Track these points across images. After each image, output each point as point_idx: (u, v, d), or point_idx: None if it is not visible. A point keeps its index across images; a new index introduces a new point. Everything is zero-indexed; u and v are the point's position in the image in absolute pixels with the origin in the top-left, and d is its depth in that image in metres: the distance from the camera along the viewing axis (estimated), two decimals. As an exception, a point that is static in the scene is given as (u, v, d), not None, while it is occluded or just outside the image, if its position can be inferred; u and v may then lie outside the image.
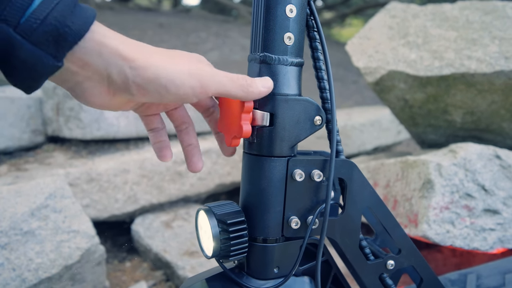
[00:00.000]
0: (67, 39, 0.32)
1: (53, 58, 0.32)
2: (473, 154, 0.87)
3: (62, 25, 0.31)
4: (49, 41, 0.31)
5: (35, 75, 0.32)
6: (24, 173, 1.26)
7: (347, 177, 0.50)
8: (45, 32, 0.30)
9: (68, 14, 0.31)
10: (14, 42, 0.30)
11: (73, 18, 0.32)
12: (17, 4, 0.30)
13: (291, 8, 0.45)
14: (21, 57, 0.31)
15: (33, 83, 0.33)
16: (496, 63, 0.97)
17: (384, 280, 0.54)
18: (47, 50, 0.31)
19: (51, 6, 0.31)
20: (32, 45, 0.30)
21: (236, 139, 0.46)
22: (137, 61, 0.35)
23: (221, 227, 0.46)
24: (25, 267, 0.80)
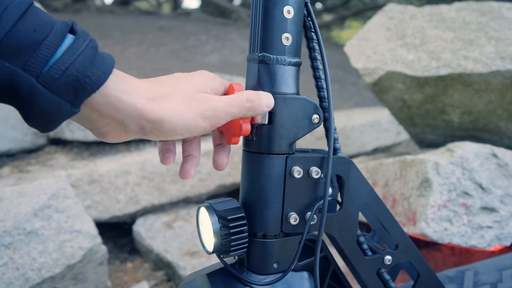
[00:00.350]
0: (86, 88, 0.33)
1: (71, 105, 0.33)
2: (470, 153, 0.89)
3: (82, 75, 0.33)
4: (69, 90, 0.32)
5: (52, 119, 0.33)
6: (27, 174, 1.27)
7: (345, 174, 0.51)
8: (65, 82, 0.32)
9: (89, 65, 0.33)
10: (35, 92, 0.31)
11: (93, 69, 0.33)
12: (40, 55, 0.31)
13: (288, 9, 0.46)
14: (41, 104, 0.32)
15: (50, 126, 0.34)
16: (493, 63, 0.99)
17: (382, 275, 0.55)
18: (65, 97, 0.33)
19: (73, 57, 0.32)
20: (52, 94, 0.32)
21: (236, 137, 0.47)
22: (153, 115, 0.37)
23: (221, 223, 0.47)
24: (29, 266, 0.81)
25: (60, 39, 0.33)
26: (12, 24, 0.30)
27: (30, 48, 0.31)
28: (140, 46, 4.32)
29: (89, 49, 0.34)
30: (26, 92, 0.31)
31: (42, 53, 0.31)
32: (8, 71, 0.30)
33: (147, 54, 4.13)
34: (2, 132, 1.41)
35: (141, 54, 4.09)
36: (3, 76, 0.30)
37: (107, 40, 4.26)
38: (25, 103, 0.32)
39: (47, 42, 0.32)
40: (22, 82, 0.31)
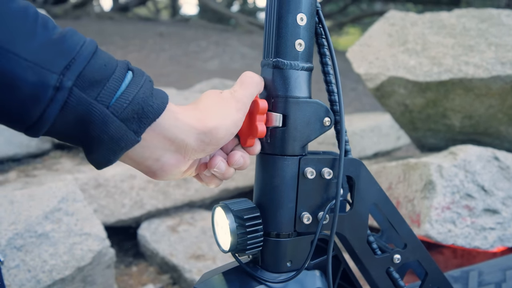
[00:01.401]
0: (149, 116, 0.37)
1: (134, 134, 0.37)
2: (472, 156, 0.90)
3: (146, 104, 0.37)
4: (134, 118, 0.36)
5: (116, 148, 0.37)
6: (33, 179, 1.28)
7: (355, 175, 0.53)
8: (132, 110, 0.36)
9: (149, 96, 0.37)
10: (107, 119, 0.35)
11: (153, 99, 0.37)
12: (110, 88, 0.35)
13: (301, 17, 0.48)
14: (110, 132, 0.35)
15: (112, 157, 0.37)
16: (493, 69, 1.01)
17: (391, 274, 0.57)
18: (130, 126, 0.36)
19: (136, 90, 0.36)
20: (121, 122, 0.35)
21: (252, 139, 0.48)
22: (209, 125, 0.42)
23: (238, 223, 0.48)
24: (40, 268, 0.82)
25: (124, 74, 0.36)
26: (88, 60, 0.34)
27: (101, 82, 0.35)
28: (141, 51, 4.34)
29: (147, 83, 0.38)
30: (99, 120, 0.34)
31: (111, 86, 0.35)
32: (84, 102, 0.34)
33: (148, 59, 4.16)
34: (9, 137, 1.42)
35: (142, 60, 4.11)
36: (81, 107, 0.34)
37: (108, 46, 4.29)
38: (97, 132, 0.35)
39: (115, 76, 0.35)
40: (96, 111, 0.34)
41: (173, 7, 11.35)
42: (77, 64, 0.33)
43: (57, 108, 0.33)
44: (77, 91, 0.33)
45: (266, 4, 0.49)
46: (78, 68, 0.33)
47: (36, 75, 0.31)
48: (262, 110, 0.47)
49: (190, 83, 3.06)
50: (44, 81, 0.32)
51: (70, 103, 0.33)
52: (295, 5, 0.48)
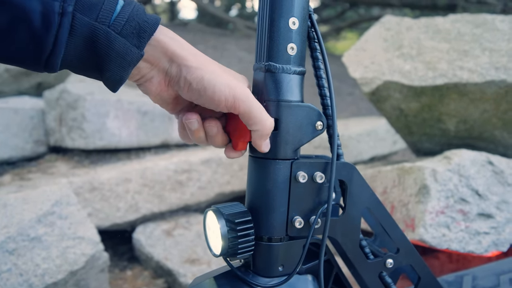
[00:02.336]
0: (146, 31, 0.41)
1: (137, 48, 0.41)
2: (466, 160, 0.91)
3: (141, 21, 0.41)
4: (134, 33, 0.41)
5: (125, 64, 0.41)
6: (28, 182, 1.28)
7: (347, 179, 0.53)
8: (130, 26, 0.40)
9: (143, 14, 0.42)
10: (111, 37, 0.40)
11: (147, 17, 0.42)
12: (106, 9, 0.40)
13: (293, 21, 0.48)
14: (115, 48, 0.40)
15: (123, 73, 0.42)
16: (487, 73, 1.01)
17: (384, 279, 0.57)
18: (132, 41, 0.41)
19: (130, 9, 0.41)
20: (123, 38, 0.40)
21: (244, 143, 0.48)
22: (192, 63, 0.44)
23: (229, 226, 0.48)
24: (32, 272, 0.82)
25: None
26: None
27: (97, 5, 0.39)
28: (138, 55, 4.34)
29: (139, 5, 0.42)
30: (103, 39, 0.39)
31: (107, 7, 0.40)
32: (87, 24, 0.39)
33: (145, 63, 4.15)
34: (4, 139, 1.42)
35: (139, 64, 4.10)
36: (85, 28, 0.39)
37: (105, 50, 4.28)
38: (104, 49, 0.40)
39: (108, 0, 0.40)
40: (100, 32, 0.39)
41: (172, 11, 11.38)
42: None
43: (66, 32, 0.38)
44: (79, 15, 0.38)
45: (259, 8, 0.50)
46: None
47: (42, 4, 0.37)
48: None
49: (187, 87, 3.04)
50: (50, 8, 0.37)
51: (75, 26, 0.38)
52: (287, 9, 0.48)
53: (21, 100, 1.64)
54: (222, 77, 0.45)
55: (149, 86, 0.46)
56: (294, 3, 0.48)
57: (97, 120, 1.44)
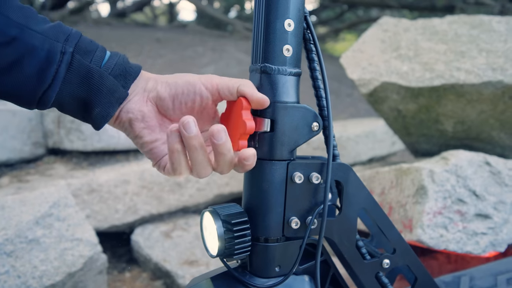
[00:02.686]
0: (131, 74, 0.49)
1: (123, 88, 0.48)
2: (464, 161, 0.91)
3: (127, 67, 0.49)
4: (121, 75, 0.48)
5: (113, 100, 0.47)
6: (26, 184, 1.28)
7: (344, 179, 0.53)
8: (118, 69, 0.48)
9: (127, 63, 0.49)
10: (103, 75, 0.47)
11: (131, 64, 0.50)
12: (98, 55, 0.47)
13: (289, 23, 0.48)
14: (107, 84, 0.47)
15: (110, 109, 0.47)
16: (484, 74, 1.02)
17: (380, 279, 0.57)
18: (120, 81, 0.48)
19: (117, 58, 0.48)
20: (113, 78, 0.47)
21: (243, 140, 0.48)
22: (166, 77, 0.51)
23: (226, 227, 0.48)
24: (30, 274, 0.82)
25: (105, 49, 0.48)
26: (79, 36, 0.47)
27: (91, 51, 0.47)
28: (138, 57, 4.35)
29: (123, 55, 0.50)
30: (97, 77, 0.46)
31: (99, 55, 0.47)
32: (83, 64, 0.46)
33: (145, 65, 4.16)
34: (2, 142, 1.42)
35: (138, 66, 4.11)
36: (81, 67, 0.45)
37: (104, 52, 4.28)
38: (97, 86, 0.46)
39: (99, 49, 0.48)
40: (94, 71, 0.46)
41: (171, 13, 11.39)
42: (73, 37, 0.46)
43: (64, 67, 0.44)
44: (77, 56, 0.45)
45: (254, 10, 0.50)
46: (74, 40, 0.46)
47: (48, 44, 0.44)
48: (246, 106, 0.47)
49: (186, 88, 3.04)
50: (54, 47, 0.44)
51: (73, 64, 0.45)
52: (283, 11, 0.48)
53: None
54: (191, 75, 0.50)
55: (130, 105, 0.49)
56: (289, 5, 0.48)
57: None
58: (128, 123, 0.50)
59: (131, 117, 0.49)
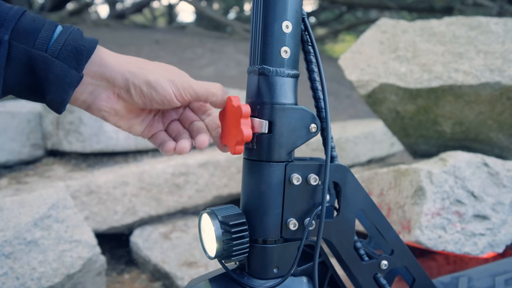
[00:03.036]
0: (83, 53, 0.43)
1: (76, 71, 0.43)
2: (462, 162, 0.91)
3: (78, 44, 0.43)
4: (71, 57, 0.43)
5: (65, 86, 0.43)
6: (25, 186, 1.28)
7: (342, 181, 0.53)
8: (67, 50, 0.43)
9: (80, 39, 0.44)
10: (48, 61, 0.42)
11: (84, 40, 0.44)
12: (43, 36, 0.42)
13: (287, 24, 0.49)
14: (54, 71, 0.42)
15: (64, 95, 0.43)
16: (482, 76, 1.02)
17: (378, 280, 0.57)
18: (70, 64, 0.43)
19: (67, 35, 0.43)
20: (60, 61, 0.42)
21: (240, 145, 0.48)
22: (134, 68, 0.47)
23: (224, 229, 0.48)
24: (28, 276, 0.82)
25: (54, 26, 0.43)
26: (17, 18, 0.41)
27: (34, 33, 0.42)
28: (136, 59, 4.34)
29: (76, 30, 0.45)
30: (41, 64, 0.42)
31: (44, 35, 0.42)
32: (24, 51, 0.41)
33: (143, 67, 4.15)
34: (1, 143, 1.42)
35: (137, 67, 4.11)
36: (23, 55, 0.41)
37: (103, 53, 4.28)
38: (43, 73, 0.42)
39: (45, 27, 0.43)
40: (37, 57, 0.41)
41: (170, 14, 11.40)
42: (8, 21, 0.41)
43: (3, 60, 0.40)
44: (15, 43, 0.41)
45: (252, 11, 0.50)
46: (10, 24, 0.41)
47: None
48: (245, 114, 0.47)
49: (185, 90, 3.04)
50: None
51: (13, 53, 0.41)
52: (281, 13, 0.48)
53: (18, 104, 1.64)
54: (163, 75, 0.48)
55: (99, 103, 0.47)
56: (287, 7, 0.48)
57: (94, 123, 1.44)
58: (101, 117, 0.49)
59: (104, 114, 0.48)
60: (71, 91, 0.44)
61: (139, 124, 0.52)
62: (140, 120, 0.52)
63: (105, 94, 0.47)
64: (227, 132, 0.51)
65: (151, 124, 0.53)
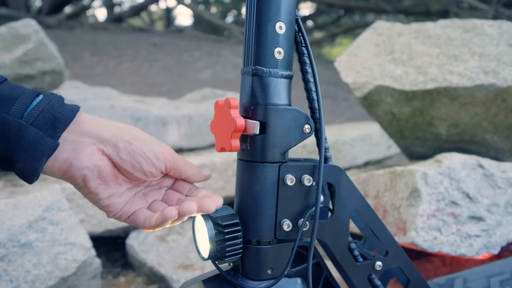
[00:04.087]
0: (61, 121, 0.42)
1: (51, 138, 0.41)
2: (457, 164, 0.91)
3: (56, 112, 0.42)
4: (48, 124, 0.41)
5: (38, 153, 0.41)
6: (20, 188, 1.27)
7: (335, 181, 0.53)
8: (44, 118, 0.41)
9: (60, 107, 0.43)
10: (22, 127, 0.40)
11: (64, 108, 0.43)
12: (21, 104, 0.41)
13: (280, 25, 0.49)
14: (27, 137, 0.40)
15: (36, 164, 0.41)
16: (476, 77, 1.03)
17: (373, 281, 0.57)
18: (46, 132, 0.41)
19: (46, 103, 0.42)
20: (35, 128, 0.41)
21: (235, 139, 0.48)
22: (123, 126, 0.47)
23: (217, 230, 0.48)
24: (22, 278, 0.81)
25: (34, 94, 0.42)
26: None
27: (11, 100, 0.41)
28: (134, 62, 4.35)
29: (57, 98, 0.43)
30: (14, 129, 0.40)
31: (21, 102, 0.41)
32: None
33: (141, 70, 4.16)
34: (-4, 146, 1.41)
35: (135, 70, 4.12)
36: None
37: (101, 56, 4.29)
38: (15, 140, 0.40)
39: (24, 95, 0.42)
40: (10, 123, 0.40)
41: (168, 18, 11.42)
42: None
43: None
44: None
45: (246, 12, 0.50)
46: None
47: None
48: (234, 105, 0.47)
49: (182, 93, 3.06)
50: None
51: None
52: (274, 14, 0.48)
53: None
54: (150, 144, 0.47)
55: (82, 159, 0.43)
56: (280, 8, 0.48)
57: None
58: (82, 180, 0.44)
59: (86, 174, 0.43)
60: (44, 160, 0.41)
61: (120, 196, 0.47)
62: (122, 191, 0.47)
63: (89, 149, 0.44)
64: (220, 133, 0.51)
65: (132, 200, 0.48)
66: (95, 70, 3.94)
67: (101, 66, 4.09)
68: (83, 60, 4.11)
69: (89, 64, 4.07)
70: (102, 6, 9.72)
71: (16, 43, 1.69)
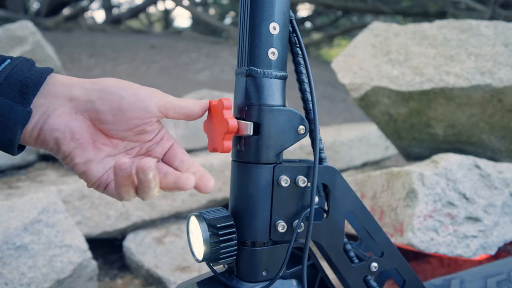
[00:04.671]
0: (29, 87, 0.38)
1: (21, 105, 0.38)
2: (453, 164, 0.91)
3: (23, 77, 0.38)
4: (14, 91, 0.38)
5: (9, 123, 0.38)
6: (16, 190, 1.26)
7: (330, 182, 0.53)
8: (9, 84, 0.38)
9: (27, 70, 0.39)
10: None
11: (32, 72, 0.39)
12: None
13: (274, 26, 0.49)
14: None
15: (10, 134, 0.38)
16: (473, 78, 1.03)
17: (369, 283, 0.57)
18: (14, 99, 0.38)
19: (11, 68, 0.39)
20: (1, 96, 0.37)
21: (228, 140, 0.48)
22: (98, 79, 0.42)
23: (211, 231, 0.48)
24: (18, 281, 0.81)
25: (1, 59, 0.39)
26: None
27: None
28: (132, 64, 4.35)
29: (24, 61, 0.40)
30: None
31: None
32: None
33: (138, 71, 4.16)
34: (-8, 148, 1.41)
35: (133, 72, 4.12)
36: None
37: (98, 58, 4.29)
38: None
39: None
40: None
41: (166, 19, 11.42)
42: None
43: None
44: None
45: (239, 13, 0.50)
46: None
47: None
48: (227, 106, 0.47)
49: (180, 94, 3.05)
50: None
51: None
52: (268, 14, 0.48)
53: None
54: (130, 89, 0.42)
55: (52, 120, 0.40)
56: (274, 8, 0.48)
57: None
58: (54, 143, 0.40)
59: (57, 136, 0.40)
60: (19, 129, 0.38)
61: (99, 163, 0.42)
62: (102, 156, 0.43)
63: (60, 110, 0.40)
64: (213, 133, 0.50)
65: None
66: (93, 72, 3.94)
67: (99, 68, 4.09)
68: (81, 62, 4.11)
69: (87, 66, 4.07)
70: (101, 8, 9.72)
71: (13, 45, 1.69)
